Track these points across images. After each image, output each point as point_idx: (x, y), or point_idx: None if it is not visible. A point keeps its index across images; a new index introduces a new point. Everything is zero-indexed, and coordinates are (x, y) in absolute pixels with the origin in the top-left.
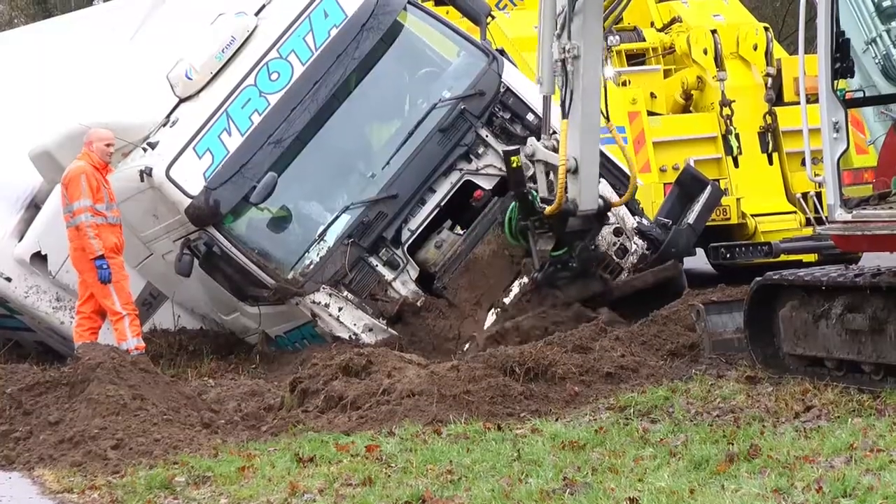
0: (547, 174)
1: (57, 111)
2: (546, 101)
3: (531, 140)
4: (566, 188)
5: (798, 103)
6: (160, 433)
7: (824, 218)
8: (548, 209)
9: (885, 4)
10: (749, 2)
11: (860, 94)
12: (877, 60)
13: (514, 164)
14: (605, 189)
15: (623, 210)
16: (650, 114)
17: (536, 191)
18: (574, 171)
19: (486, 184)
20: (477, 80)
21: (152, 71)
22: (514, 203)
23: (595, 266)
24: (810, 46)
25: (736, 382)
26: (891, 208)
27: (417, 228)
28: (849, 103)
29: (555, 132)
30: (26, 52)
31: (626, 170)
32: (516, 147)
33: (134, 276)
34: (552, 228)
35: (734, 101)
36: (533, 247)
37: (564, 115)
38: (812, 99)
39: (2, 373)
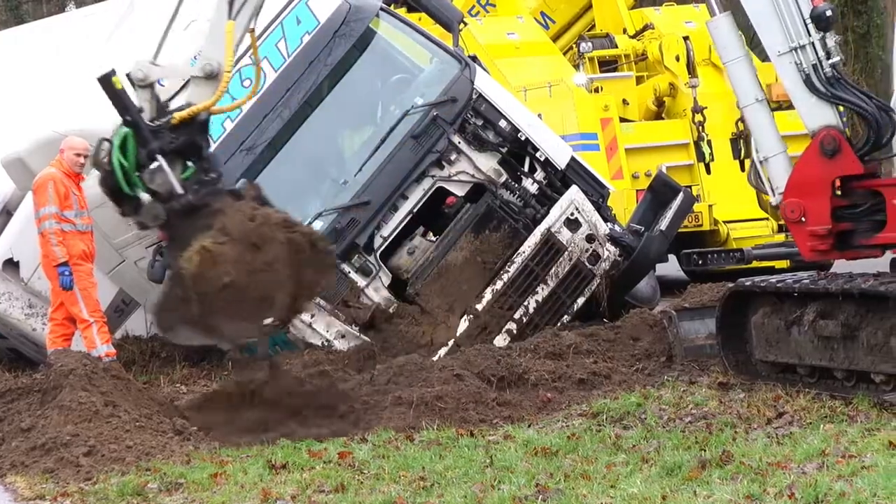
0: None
1: (31, 118)
2: None
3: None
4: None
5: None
6: (132, 440)
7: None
8: (188, 111)
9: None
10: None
11: None
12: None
13: (118, 86)
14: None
15: (596, 216)
16: (622, 120)
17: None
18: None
19: (459, 190)
20: (449, 86)
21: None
22: (121, 139)
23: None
24: None
25: (708, 388)
26: None
27: (390, 235)
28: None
29: None
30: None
31: (599, 176)
32: (109, 72)
33: (106, 283)
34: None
35: (706, 107)
36: (162, 177)
37: (232, 16)
38: (785, 105)
39: None
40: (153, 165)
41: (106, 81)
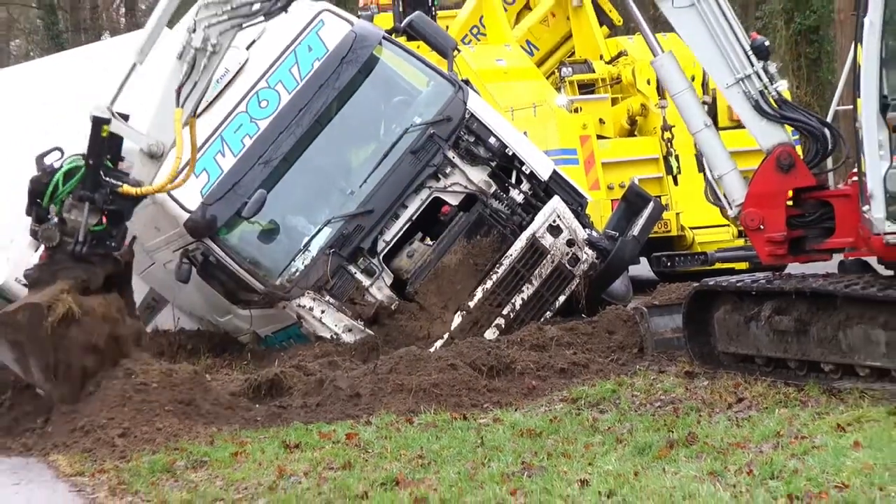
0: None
1: (69, 135)
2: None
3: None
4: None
5: (729, 128)
6: (162, 423)
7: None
8: (137, 190)
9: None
10: None
11: None
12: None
13: (105, 133)
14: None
15: (575, 223)
16: (599, 137)
17: (110, 166)
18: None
19: (453, 200)
20: (445, 107)
21: (154, 98)
22: (74, 166)
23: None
24: None
25: (675, 377)
26: None
27: (391, 240)
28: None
29: None
30: (42, 81)
31: (578, 187)
32: (109, 118)
33: (139, 283)
34: (116, 207)
35: (674, 125)
36: (79, 213)
37: (179, 104)
38: (738, 125)
39: None
40: (79, 207)
41: (97, 123)
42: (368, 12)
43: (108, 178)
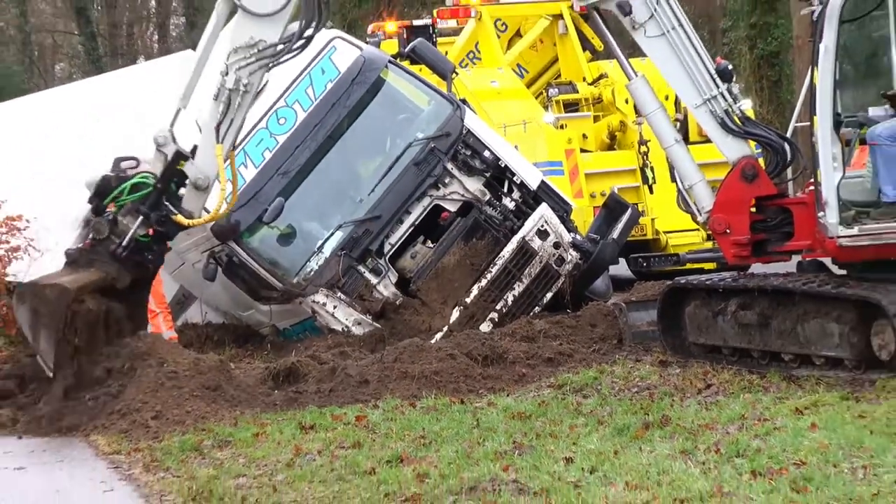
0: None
1: (107, 149)
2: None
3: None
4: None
5: (698, 143)
6: (190, 406)
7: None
8: (187, 221)
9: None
10: None
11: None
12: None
13: (181, 166)
14: None
15: (561, 228)
16: (583, 151)
17: (174, 192)
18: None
19: (452, 207)
20: (444, 123)
21: (184, 116)
22: (142, 182)
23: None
24: None
25: (651, 365)
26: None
27: (396, 242)
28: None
29: None
30: (83, 100)
31: (563, 195)
32: (188, 155)
33: (170, 281)
34: (165, 229)
35: (649, 140)
36: (133, 221)
37: (219, 140)
38: (707, 140)
39: None
40: (133, 216)
41: (177, 156)
42: (376, 39)
43: (167, 203)
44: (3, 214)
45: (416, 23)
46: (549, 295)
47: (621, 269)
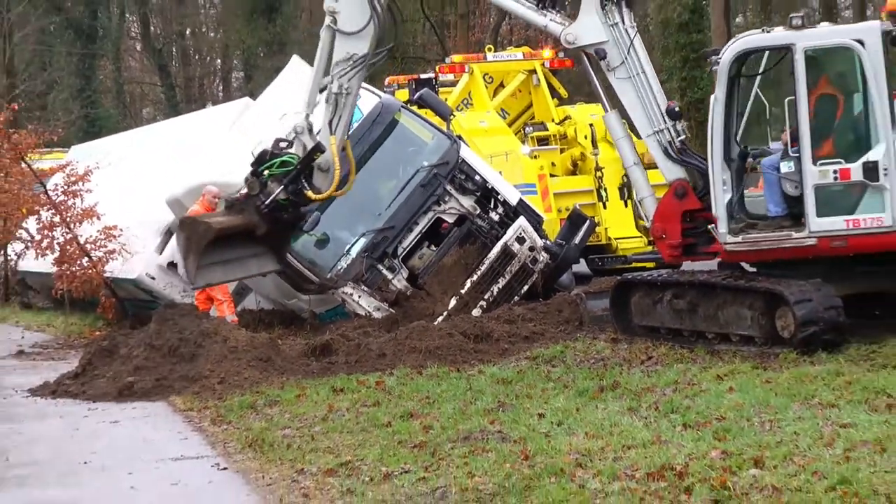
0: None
1: (181, 174)
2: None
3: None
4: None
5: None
6: (247, 374)
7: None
8: (314, 196)
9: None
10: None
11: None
12: (661, 144)
13: (317, 157)
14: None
15: (535, 235)
16: (551, 175)
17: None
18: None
19: (450, 219)
20: (444, 155)
21: (243, 149)
22: (285, 161)
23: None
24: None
25: (605, 342)
26: (773, 233)
27: (407, 246)
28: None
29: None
30: (164, 136)
31: (537, 210)
32: (324, 148)
33: None
34: (296, 199)
35: (604, 167)
36: (273, 186)
37: (332, 133)
38: (652, 166)
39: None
40: (278, 184)
41: (315, 148)
42: (391, 89)
43: (302, 180)
44: (102, 225)
45: (422, 76)
46: (525, 287)
47: (582, 267)
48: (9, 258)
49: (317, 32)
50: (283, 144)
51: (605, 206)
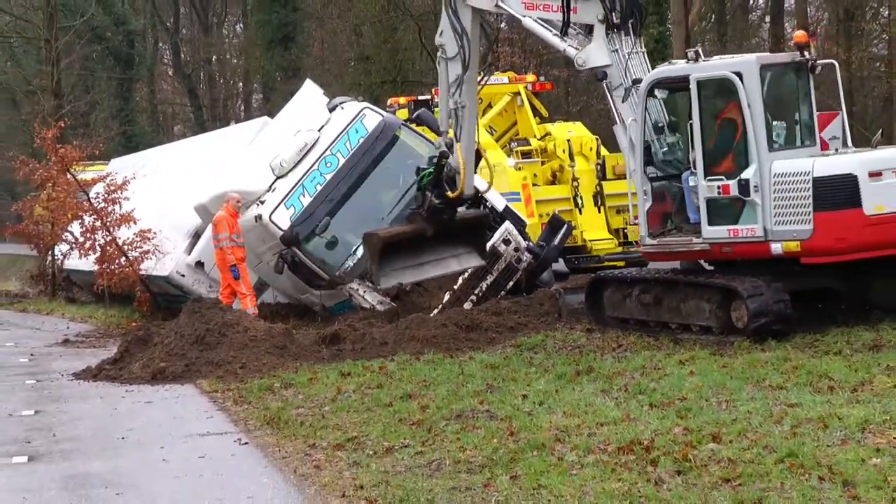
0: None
1: (207, 184)
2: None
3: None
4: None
5: (613, 179)
6: (265, 360)
7: (635, 242)
8: (451, 196)
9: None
10: (589, 123)
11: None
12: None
13: (443, 162)
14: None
15: (519, 238)
16: (534, 185)
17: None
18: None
19: None
20: None
21: (262, 162)
22: (432, 172)
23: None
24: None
25: (581, 332)
26: (679, 238)
27: None
28: (652, 180)
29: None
30: (193, 150)
31: (521, 215)
32: (448, 154)
33: (252, 273)
34: (442, 197)
35: (579, 178)
36: (428, 195)
37: (458, 140)
38: (623, 176)
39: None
40: (431, 192)
41: (442, 156)
42: (392, 109)
43: (444, 184)
44: (138, 228)
45: (420, 97)
46: (511, 283)
47: (560, 265)
48: (56, 258)
49: (327, 60)
50: (433, 159)
51: (580, 212)
